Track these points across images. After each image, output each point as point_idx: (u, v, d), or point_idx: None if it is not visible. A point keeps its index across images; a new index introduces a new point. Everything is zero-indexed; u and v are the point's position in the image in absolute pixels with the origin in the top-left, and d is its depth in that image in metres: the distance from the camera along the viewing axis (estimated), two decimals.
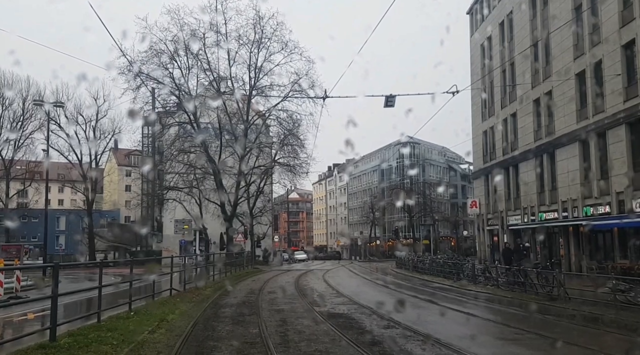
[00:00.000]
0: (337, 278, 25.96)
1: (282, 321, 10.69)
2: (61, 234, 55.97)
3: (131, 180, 53.72)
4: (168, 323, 10.07)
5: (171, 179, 34.18)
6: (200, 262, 25.22)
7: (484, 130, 33.15)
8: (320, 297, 15.92)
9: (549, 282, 15.10)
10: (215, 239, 40.04)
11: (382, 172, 71.51)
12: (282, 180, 37.20)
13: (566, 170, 23.41)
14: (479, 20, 34.08)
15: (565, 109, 23.34)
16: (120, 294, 12.46)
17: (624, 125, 19.62)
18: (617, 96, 19.93)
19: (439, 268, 24.79)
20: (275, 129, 35.61)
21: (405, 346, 8.01)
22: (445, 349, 7.68)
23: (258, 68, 33.11)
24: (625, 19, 19.58)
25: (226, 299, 15.38)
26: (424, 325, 9.86)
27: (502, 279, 17.94)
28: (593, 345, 8.10)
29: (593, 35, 21.63)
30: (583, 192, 22.19)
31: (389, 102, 14.58)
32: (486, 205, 32.90)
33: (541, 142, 25.68)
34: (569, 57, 23.09)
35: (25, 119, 41.85)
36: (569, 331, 9.91)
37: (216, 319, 11.13)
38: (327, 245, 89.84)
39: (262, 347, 7.99)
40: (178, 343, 8.14)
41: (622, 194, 19.66)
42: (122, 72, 29.23)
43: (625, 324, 10.50)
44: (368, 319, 11.15)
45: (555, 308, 12.91)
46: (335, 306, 13.42)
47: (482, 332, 10.09)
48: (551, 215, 24.79)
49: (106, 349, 7.38)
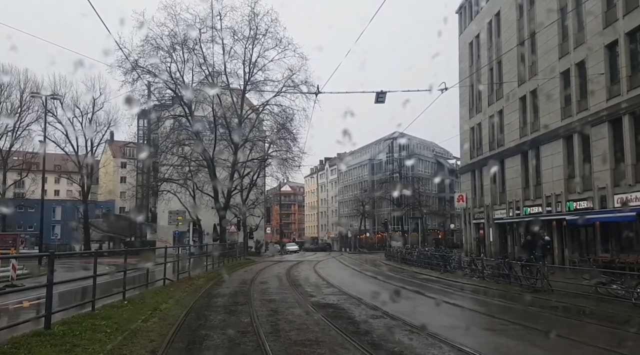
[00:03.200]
0: (327, 269, 26.50)
1: (274, 311, 10.99)
2: (57, 224, 56.23)
3: (126, 172, 54.00)
4: (161, 312, 10.26)
5: (166, 170, 34.55)
6: (193, 252, 25.69)
7: (471, 126, 33.79)
8: (311, 288, 16.35)
9: (532, 274, 15.71)
10: (209, 230, 40.56)
11: (372, 166, 72.56)
12: (275, 173, 37.87)
13: (550, 166, 24.11)
14: (468, 19, 34.55)
15: (550, 107, 23.97)
16: (114, 283, 12.68)
17: (606, 123, 20.27)
18: (600, 95, 20.56)
19: (427, 260, 25.51)
20: (268, 123, 36.13)
21: (392, 335, 8.31)
22: (431, 338, 7.97)
23: (253, 63, 33.64)
24: (609, 20, 20.14)
25: (219, 289, 15.75)
26: (411, 316, 10.16)
27: (488, 271, 18.61)
28: (574, 335, 8.47)
29: (578, 35, 22.21)
30: (566, 188, 22.93)
31: (380, 98, 15.05)
32: (473, 200, 33.66)
33: (526, 138, 26.35)
34: (554, 56, 23.66)
35: (23, 111, 42.09)
36: (552, 322, 10.25)
37: (209, 309, 11.40)
38: (318, 237, 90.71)
39: (253, 335, 8.21)
40: (171, 331, 8.31)
41: (604, 190, 20.40)
42: (119, 66, 29.60)
43: (605, 315, 10.90)
44: (357, 309, 11.45)
45: (539, 300, 13.29)
46: (325, 296, 13.83)
47: (468, 322, 10.45)
48: (535, 209, 25.54)
49: (100, 336, 7.57)
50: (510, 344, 8.19)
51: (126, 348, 7.08)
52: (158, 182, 36.42)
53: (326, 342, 7.84)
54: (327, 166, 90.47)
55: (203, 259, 23.93)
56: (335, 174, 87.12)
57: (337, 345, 7.55)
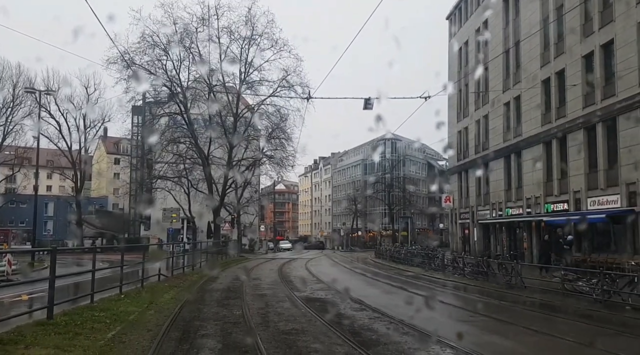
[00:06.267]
0: (318, 266, 27.28)
1: (264, 304, 11.75)
2: (49, 220, 56.52)
3: (120, 168, 54.37)
4: (157, 305, 10.88)
5: (160, 168, 35.14)
6: (187, 249, 26.46)
7: (459, 130, 34.88)
8: (301, 283, 17.15)
9: (508, 272, 16.75)
10: (203, 228, 41.21)
11: (365, 166, 73.67)
12: (269, 172, 38.61)
13: (531, 169, 25.21)
14: (458, 25, 35.58)
15: (532, 113, 25.06)
16: (110, 278, 13.23)
17: (582, 130, 21.37)
18: (577, 103, 21.66)
19: (413, 258, 26.54)
20: (263, 122, 36.80)
21: (372, 325, 9.16)
22: (407, 328, 8.86)
23: (248, 63, 34.27)
24: (586, 32, 21.22)
25: (212, 285, 16.45)
26: (391, 309, 10.98)
27: (468, 268, 19.64)
28: (534, 326, 9.33)
29: (558, 45, 23.28)
30: (545, 190, 24.04)
31: (368, 105, 15.92)
32: (459, 201, 34.77)
33: (509, 142, 27.45)
34: (536, 65, 24.73)
35: (15, 106, 42.09)
36: (518, 315, 11.21)
37: (203, 302, 12.09)
38: (312, 235, 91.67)
39: (244, 326, 9.00)
40: (167, 322, 8.84)
41: (579, 193, 21.51)
42: (114, 62, 30.03)
43: (567, 309, 11.81)
44: (343, 302, 12.27)
45: (511, 295, 14.29)
46: (314, 291, 14.63)
47: (443, 314, 11.31)
48: (516, 211, 26.66)
49: (100, 326, 8.11)
50: (474, 332, 9.15)
51: (125, 337, 7.72)
52: (152, 180, 36.94)
53: (311, 331, 8.64)
54: (321, 165, 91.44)
55: (197, 255, 24.65)
56: (329, 173, 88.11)
57: (320, 334, 8.42)
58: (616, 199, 19.21)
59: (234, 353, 7.12)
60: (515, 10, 27.46)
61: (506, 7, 28.53)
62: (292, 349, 7.36)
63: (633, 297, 11.27)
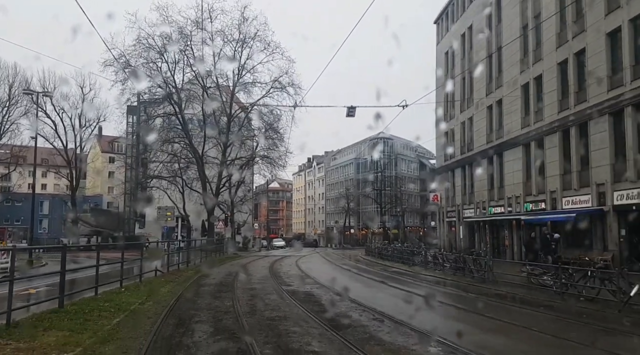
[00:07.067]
0: (309, 263, 28.28)
1: (253, 296, 12.84)
2: (44, 218, 57.09)
3: (116, 168, 55.01)
4: (155, 297, 11.89)
5: (155, 167, 35.98)
6: (182, 247, 27.38)
7: (446, 131, 36.06)
8: (289, 279, 18.17)
9: (482, 267, 17.89)
10: (197, 226, 42.06)
11: (357, 165, 74.88)
12: (262, 171, 39.59)
13: (511, 170, 26.40)
14: (445, 29, 36.71)
15: (512, 116, 26.25)
16: (109, 274, 14.08)
17: (557, 133, 22.57)
18: (553, 107, 22.84)
19: (399, 255, 27.68)
20: (256, 122, 37.75)
21: (349, 314, 10.19)
22: (379, 315, 9.90)
23: (241, 65, 35.18)
24: (561, 40, 22.39)
25: (206, 280, 17.47)
26: (368, 300, 12.02)
27: (447, 264, 20.78)
28: (491, 313, 10.45)
29: (536, 52, 24.44)
30: (524, 190, 25.23)
31: (350, 112, 17.00)
32: (446, 199, 35.98)
33: (492, 144, 28.64)
34: (516, 70, 25.90)
35: (11, 105, 42.76)
36: (480, 304, 12.22)
37: (197, 295, 13.16)
38: (305, 233, 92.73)
39: (233, 314, 10.07)
40: (165, 311, 9.91)
41: (555, 193, 22.71)
42: (110, 65, 30.85)
43: (528, 301, 12.85)
44: (325, 295, 13.36)
45: (481, 288, 15.42)
46: (301, 285, 15.69)
47: (413, 304, 12.28)
48: (499, 209, 27.86)
49: (106, 314, 9.18)
50: (435, 317, 10.35)
51: (129, 322, 8.80)
52: (147, 179, 37.75)
53: (292, 318, 9.72)
54: (315, 164, 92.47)
55: (192, 253, 25.61)
56: (323, 172, 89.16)
57: (300, 320, 9.50)
58: (587, 199, 20.42)
59: (223, 335, 8.15)
60: (498, 17, 28.61)
61: (489, 14, 29.66)
62: (273, 331, 8.43)
63: (587, 289, 12.41)
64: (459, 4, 34.12)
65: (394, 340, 7.77)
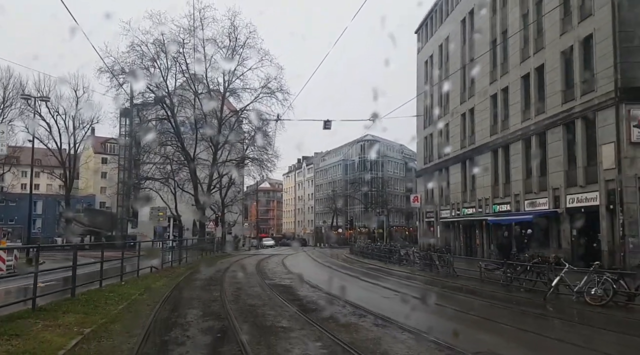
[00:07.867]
0: (294, 261, 30.04)
1: (238, 288, 14.65)
2: (38, 218, 58.05)
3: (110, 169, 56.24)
4: (152, 289, 13.68)
5: (148, 169, 37.48)
6: (174, 246, 28.96)
7: (425, 136, 38.10)
8: (273, 274, 19.96)
9: (445, 263, 19.85)
10: (189, 226, 43.60)
11: (345, 166, 76.87)
12: (252, 173, 41.34)
13: (482, 174, 28.46)
14: (425, 40, 38.73)
15: (483, 124, 28.32)
16: (109, 270, 15.54)
17: (520, 140, 24.64)
18: (517, 117, 24.91)
19: (379, 253, 29.62)
20: (246, 126, 39.47)
21: (318, 302, 12.02)
22: (342, 302, 11.68)
23: (232, 72, 36.84)
24: (524, 56, 24.46)
25: (197, 275, 19.23)
26: (339, 291, 13.87)
27: (418, 261, 22.74)
28: (441, 301, 12.30)
29: (503, 65, 26.50)
30: (492, 193, 27.31)
31: (326, 125, 18.84)
32: (425, 200, 38.03)
33: (465, 150, 30.71)
34: (486, 81, 27.96)
35: (6, 107, 43.91)
36: (433, 294, 14.16)
37: (189, 287, 14.97)
38: (295, 232, 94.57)
39: (220, 302, 11.85)
40: (161, 300, 11.63)
41: (518, 196, 24.79)
42: (105, 71, 32.27)
43: (478, 291, 14.69)
44: (302, 287, 15.22)
45: (442, 281, 17.29)
46: (282, 280, 17.48)
47: (375, 294, 14.21)
48: (471, 211, 29.93)
49: (112, 302, 10.78)
50: (391, 304, 12.28)
51: (132, 308, 10.61)
52: (140, 180, 39.18)
53: (270, 305, 11.54)
54: (305, 164, 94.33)
55: (183, 251, 27.26)
56: (312, 173, 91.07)
57: (276, 306, 11.33)
58: (545, 202, 22.49)
59: (211, 317, 9.96)
60: (472, 29, 30.65)
61: (464, 27, 31.71)
62: (252, 313, 10.28)
63: (526, 282, 14.41)
64: (437, 16, 36.15)
65: (348, 320, 9.63)
